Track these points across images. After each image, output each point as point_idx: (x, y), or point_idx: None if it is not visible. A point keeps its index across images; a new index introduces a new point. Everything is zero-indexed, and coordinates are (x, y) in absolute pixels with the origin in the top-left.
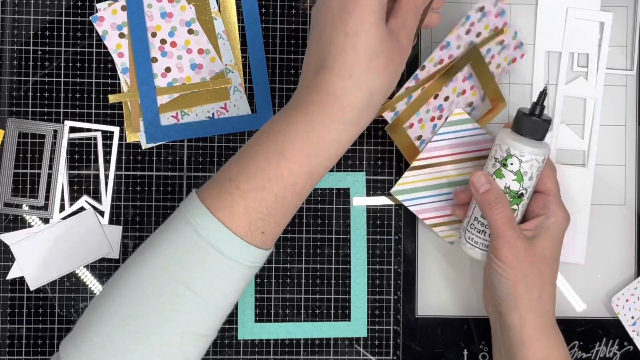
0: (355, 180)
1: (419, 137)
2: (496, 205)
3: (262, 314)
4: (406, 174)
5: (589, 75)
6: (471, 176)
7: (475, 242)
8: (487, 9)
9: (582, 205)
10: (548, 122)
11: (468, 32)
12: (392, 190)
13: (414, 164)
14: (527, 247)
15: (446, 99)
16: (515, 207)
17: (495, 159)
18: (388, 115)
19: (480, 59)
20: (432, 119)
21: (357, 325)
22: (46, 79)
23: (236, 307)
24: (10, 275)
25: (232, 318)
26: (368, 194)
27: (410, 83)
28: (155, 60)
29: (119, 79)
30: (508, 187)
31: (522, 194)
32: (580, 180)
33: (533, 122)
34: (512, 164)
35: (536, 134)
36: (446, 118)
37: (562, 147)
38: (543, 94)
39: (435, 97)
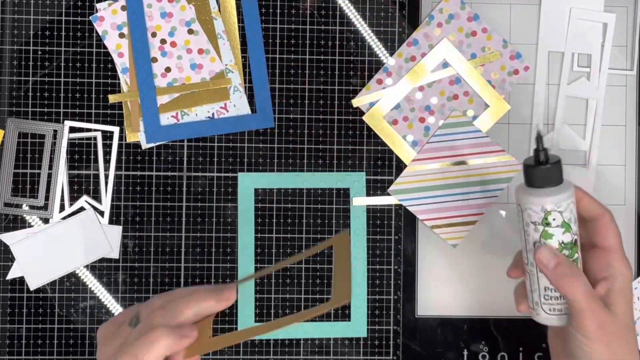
0: (355, 181)
1: (408, 138)
2: (573, 277)
3: (262, 314)
4: (404, 173)
5: (591, 75)
6: (535, 254)
7: (560, 310)
8: (452, 11)
9: None
10: (559, 163)
11: (440, 32)
12: (390, 189)
13: (412, 164)
14: (612, 319)
15: (435, 101)
16: (576, 255)
17: (534, 223)
18: (364, 106)
19: (347, 247)
20: (422, 120)
21: (357, 326)
22: (46, 79)
23: (236, 307)
24: (10, 275)
25: (232, 318)
26: (368, 194)
27: (380, 75)
28: (155, 60)
29: (119, 79)
30: (562, 242)
31: (576, 240)
32: (581, 180)
33: (548, 171)
34: (554, 219)
35: (556, 180)
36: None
37: (564, 147)
38: (540, 139)
39: (418, 95)
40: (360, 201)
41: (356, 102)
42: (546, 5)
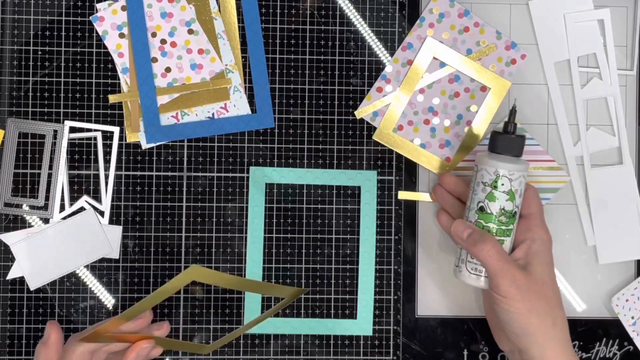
0: (367, 179)
1: (415, 141)
2: (483, 243)
3: (268, 308)
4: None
5: (602, 74)
6: (451, 227)
7: (480, 271)
8: (442, 10)
9: (629, 202)
10: (523, 138)
11: (432, 32)
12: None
13: (462, 164)
14: (526, 277)
15: (437, 101)
16: (511, 227)
17: (484, 183)
18: (367, 117)
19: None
20: (427, 122)
21: (363, 323)
22: (46, 79)
23: (242, 301)
24: (10, 275)
25: (239, 311)
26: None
27: (379, 83)
28: (155, 60)
29: (119, 79)
30: (503, 209)
31: (515, 213)
32: (620, 178)
33: (511, 140)
34: (502, 184)
35: (516, 150)
36: (455, 122)
37: (595, 150)
38: (513, 112)
39: (420, 98)
40: (405, 195)
41: (359, 113)
42: (538, 21)
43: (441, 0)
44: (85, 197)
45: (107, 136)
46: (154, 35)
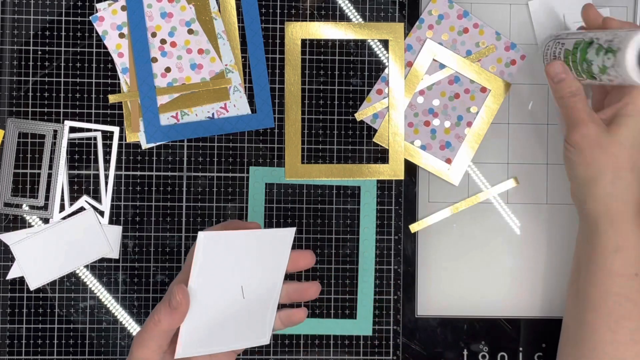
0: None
1: (416, 142)
2: (573, 97)
3: None
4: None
5: None
6: (546, 66)
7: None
8: (442, 12)
9: None
10: None
11: (432, 34)
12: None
13: None
14: (600, 132)
15: (437, 103)
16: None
17: (599, 41)
18: (367, 119)
19: None
20: (427, 123)
21: (363, 323)
22: (46, 79)
23: None
24: (10, 275)
25: None
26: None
27: (379, 85)
28: (155, 60)
29: (119, 79)
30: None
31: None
32: None
33: None
34: (609, 59)
35: None
36: (455, 124)
37: None
38: None
39: (420, 100)
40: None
41: (359, 115)
42: (538, 21)
43: (440, 1)
44: (85, 197)
45: (107, 136)
46: (153, 35)
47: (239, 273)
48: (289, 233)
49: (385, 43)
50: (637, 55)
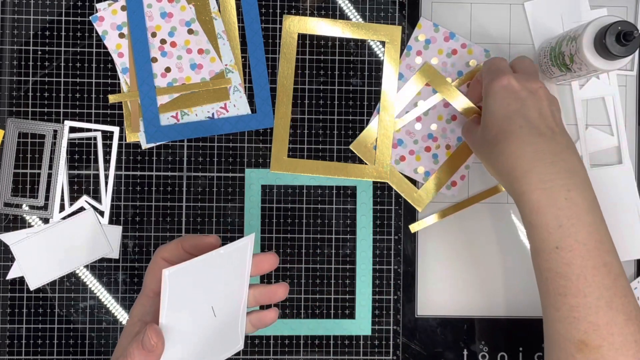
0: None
1: (420, 170)
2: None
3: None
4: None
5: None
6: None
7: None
8: (428, 36)
9: (628, 202)
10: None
11: (421, 60)
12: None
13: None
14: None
15: (435, 127)
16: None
17: (573, 38)
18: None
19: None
20: (428, 149)
21: (362, 324)
22: (46, 79)
23: None
24: (10, 275)
25: None
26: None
27: (375, 116)
28: (155, 60)
29: (119, 79)
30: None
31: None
32: (619, 178)
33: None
34: (573, 46)
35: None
36: (456, 146)
37: (594, 150)
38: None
39: (417, 126)
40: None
41: (355, 146)
42: (535, 21)
43: (426, 26)
44: (85, 197)
45: (107, 136)
46: (153, 35)
47: (207, 295)
48: (249, 241)
49: (385, 44)
50: (592, 40)
